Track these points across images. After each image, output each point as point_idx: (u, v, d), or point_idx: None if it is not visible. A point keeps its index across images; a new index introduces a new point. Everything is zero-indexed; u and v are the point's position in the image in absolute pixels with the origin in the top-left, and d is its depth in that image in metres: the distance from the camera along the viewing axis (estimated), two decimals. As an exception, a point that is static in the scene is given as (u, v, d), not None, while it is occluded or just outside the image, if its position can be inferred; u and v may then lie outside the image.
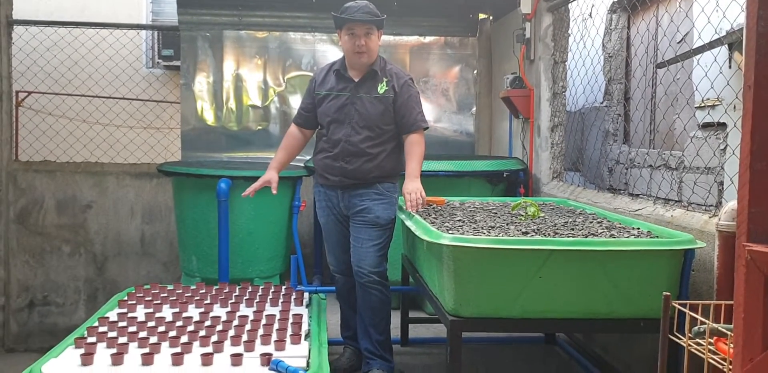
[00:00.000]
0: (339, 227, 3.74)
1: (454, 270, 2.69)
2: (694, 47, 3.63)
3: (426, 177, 4.52)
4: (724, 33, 3.26)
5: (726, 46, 3.28)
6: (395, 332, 4.00)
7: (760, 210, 1.43)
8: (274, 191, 3.73)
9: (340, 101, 3.64)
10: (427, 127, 3.73)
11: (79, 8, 7.63)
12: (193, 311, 3.41)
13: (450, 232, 2.90)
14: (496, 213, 3.62)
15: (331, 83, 3.68)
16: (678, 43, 4.01)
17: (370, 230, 3.60)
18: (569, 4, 4.74)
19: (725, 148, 3.38)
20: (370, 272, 3.59)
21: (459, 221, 3.29)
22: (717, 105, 3.41)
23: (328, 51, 6.19)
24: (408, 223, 3.30)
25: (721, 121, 3.36)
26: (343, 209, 3.69)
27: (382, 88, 3.61)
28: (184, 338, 2.90)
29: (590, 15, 4.78)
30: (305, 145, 3.92)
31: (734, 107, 3.22)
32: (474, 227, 3.08)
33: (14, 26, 5.81)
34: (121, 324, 3.13)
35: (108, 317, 3.24)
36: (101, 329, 3.06)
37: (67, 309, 5.85)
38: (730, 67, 3.30)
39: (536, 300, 2.69)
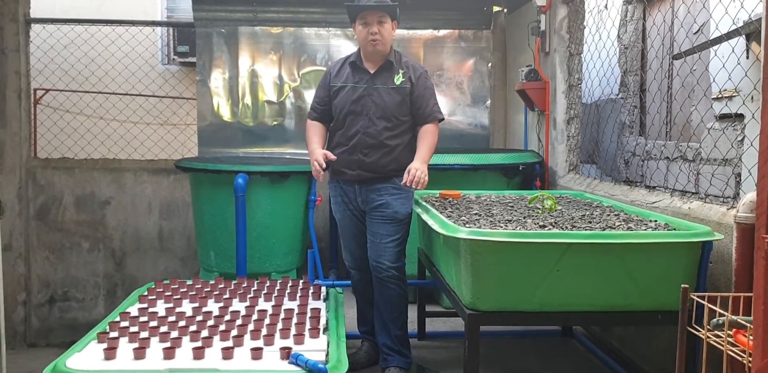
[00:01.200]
0: (355, 221, 3.74)
1: (471, 264, 2.70)
2: (711, 38, 3.60)
3: (441, 170, 4.52)
4: (741, 23, 3.23)
5: (744, 36, 3.25)
6: (412, 326, 4.02)
7: (779, 202, 1.43)
8: (333, 157, 3.60)
9: (356, 93, 3.62)
10: (443, 119, 3.73)
11: (95, 6, 7.69)
12: (213, 306, 3.44)
13: (467, 225, 2.90)
14: (512, 206, 3.62)
15: (346, 75, 3.67)
16: (695, 34, 3.97)
17: (388, 225, 3.60)
18: (584, -4, 4.72)
19: (743, 139, 3.36)
20: (389, 267, 3.59)
21: (476, 214, 3.30)
22: (734, 96, 3.38)
23: (343, 46, 6.20)
24: (424, 217, 3.31)
25: (739, 112, 3.34)
26: (361, 203, 3.68)
27: (398, 80, 3.60)
28: (204, 333, 2.93)
29: (606, 6, 4.75)
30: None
31: (752, 98, 3.19)
32: (491, 221, 3.09)
33: (32, 25, 5.86)
34: (142, 319, 3.16)
35: (129, 312, 3.27)
36: (123, 323, 3.09)
37: (87, 304, 5.92)
38: (747, 57, 3.27)
39: (554, 293, 2.70)
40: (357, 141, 3.60)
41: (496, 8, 6.37)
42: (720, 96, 3.51)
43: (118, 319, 3.18)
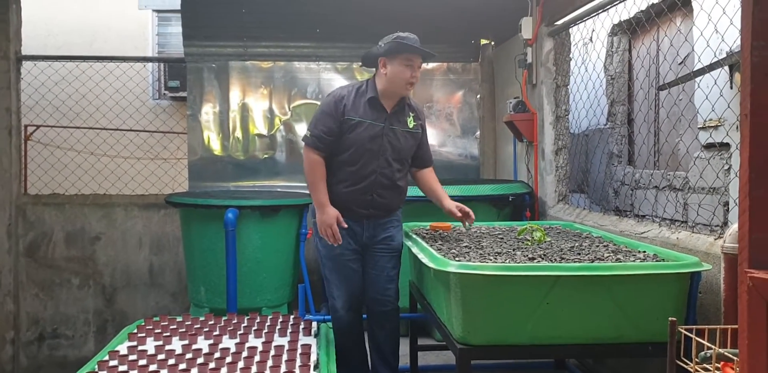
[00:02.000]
0: (355, 258, 3.64)
1: (461, 298, 2.69)
2: (694, 69, 3.65)
3: (432, 202, 4.53)
4: (723, 55, 3.28)
5: (727, 67, 3.31)
6: (404, 359, 3.98)
7: (761, 236, 1.43)
8: (345, 225, 3.54)
9: (374, 131, 3.54)
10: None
11: (87, 42, 7.75)
12: (203, 343, 3.41)
13: (456, 259, 2.90)
14: (502, 238, 3.63)
15: (364, 110, 3.55)
16: (679, 64, 4.03)
17: (393, 257, 3.67)
18: (570, 29, 4.79)
19: (729, 168, 3.39)
20: (396, 298, 3.67)
21: (465, 247, 3.30)
22: (719, 126, 3.42)
23: (333, 79, 6.26)
24: (414, 250, 3.30)
25: (724, 141, 3.37)
26: (365, 239, 3.63)
27: (410, 123, 3.67)
28: (193, 371, 2.90)
29: (591, 39, 4.82)
30: None
31: (737, 128, 3.23)
32: (480, 253, 3.09)
33: (23, 62, 5.90)
34: (131, 358, 3.13)
35: (118, 351, 3.24)
36: (112, 362, 3.06)
37: (77, 341, 5.85)
38: (731, 88, 3.32)
39: (544, 326, 2.68)
40: (372, 181, 3.56)
41: (483, 41, 6.45)
42: (705, 126, 3.55)
43: (106, 358, 3.15)
